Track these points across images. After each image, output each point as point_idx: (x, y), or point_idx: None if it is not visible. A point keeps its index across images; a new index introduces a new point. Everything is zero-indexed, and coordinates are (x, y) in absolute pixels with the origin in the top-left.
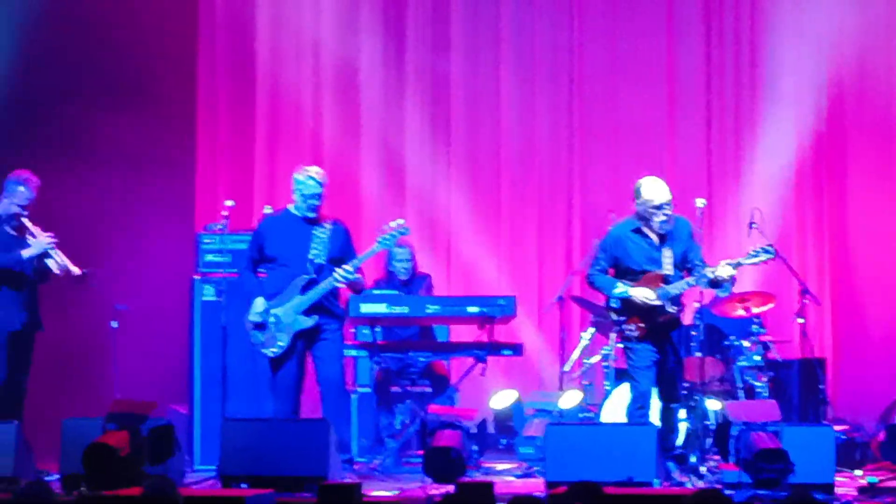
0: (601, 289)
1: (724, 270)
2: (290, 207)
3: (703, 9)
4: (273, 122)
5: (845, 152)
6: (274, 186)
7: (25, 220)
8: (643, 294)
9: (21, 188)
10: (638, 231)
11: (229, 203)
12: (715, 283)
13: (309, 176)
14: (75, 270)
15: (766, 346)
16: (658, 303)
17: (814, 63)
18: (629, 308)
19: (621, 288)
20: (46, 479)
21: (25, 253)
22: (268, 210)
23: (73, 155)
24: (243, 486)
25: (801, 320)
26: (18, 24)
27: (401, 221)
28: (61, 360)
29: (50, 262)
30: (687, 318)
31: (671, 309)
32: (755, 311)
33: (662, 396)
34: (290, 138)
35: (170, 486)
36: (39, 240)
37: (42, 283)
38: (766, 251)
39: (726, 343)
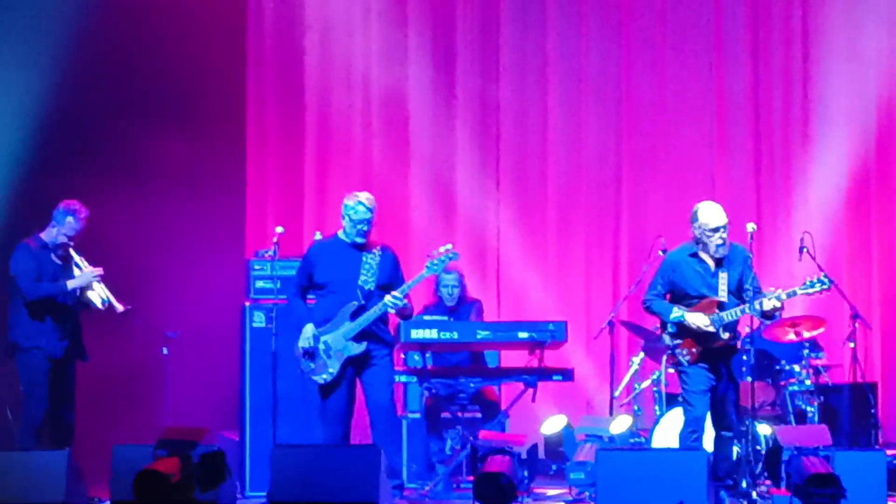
0: (658, 314)
1: (769, 304)
2: (340, 233)
3: (751, 31)
4: (323, 148)
5: (894, 175)
6: (323, 213)
7: (72, 251)
8: (698, 320)
9: (70, 219)
10: (694, 256)
11: (279, 229)
12: (766, 315)
13: (359, 201)
14: (118, 307)
15: (817, 371)
16: (712, 329)
17: (864, 85)
18: (684, 333)
19: (677, 313)
20: None
21: (70, 284)
22: (318, 236)
23: (122, 179)
24: None
25: (852, 344)
26: (65, 43)
27: (449, 246)
28: (113, 387)
29: (93, 295)
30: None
31: (724, 335)
32: (806, 335)
33: (715, 423)
34: (339, 165)
35: None
36: (86, 272)
37: (83, 312)
38: (822, 282)
39: (777, 367)
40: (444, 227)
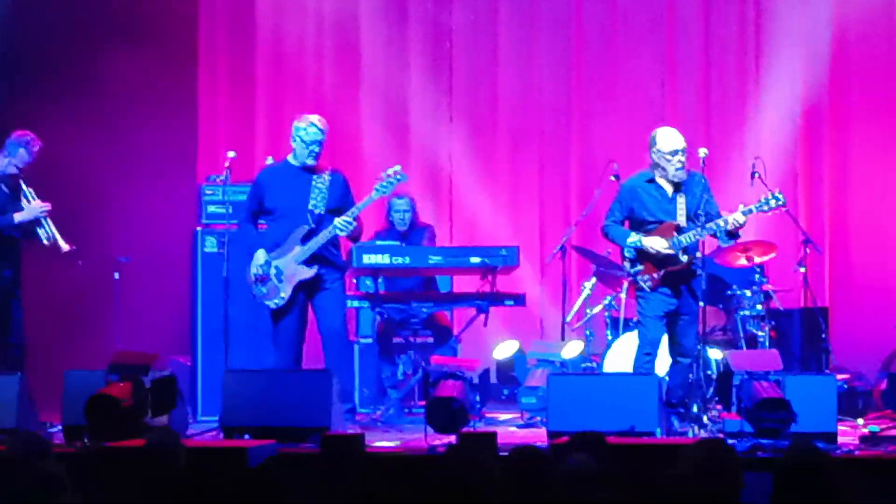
0: (615, 239)
1: (737, 218)
2: (289, 157)
3: None
4: (274, 73)
5: (848, 100)
6: (275, 137)
7: (22, 182)
8: (656, 244)
9: (22, 150)
10: (651, 182)
11: (231, 154)
12: (732, 233)
13: (311, 122)
14: (63, 246)
15: (768, 296)
16: (671, 252)
17: (819, 14)
18: (642, 258)
19: (634, 238)
20: (49, 430)
21: (17, 216)
22: (269, 161)
23: (72, 102)
24: (246, 437)
25: (802, 269)
26: None
27: (397, 168)
28: (64, 312)
29: (40, 231)
30: None
31: (683, 258)
32: (757, 260)
33: (671, 350)
34: (291, 90)
35: (173, 437)
36: (34, 206)
37: (25, 239)
38: (776, 199)
39: (728, 293)
40: (396, 153)
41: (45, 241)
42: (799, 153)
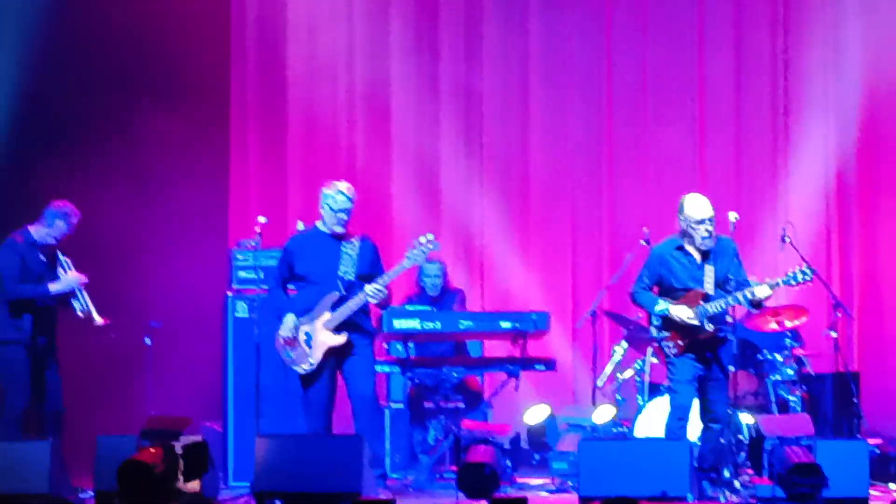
0: (644, 305)
1: (762, 291)
2: (319, 224)
3: (734, 26)
4: (306, 138)
5: (878, 165)
6: (306, 203)
7: (59, 253)
8: (682, 313)
9: (60, 223)
10: (680, 248)
11: (262, 219)
12: (755, 304)
13: (338, 190)
14: (98, 320)
15: (799, 361)
16: (696, 322)
17: (848, 77)
18: (669, 325)
19: (662, 305)
20: (81, 496)
21: (53, 287)
22: (300, 226)
23: (104, 167)
24: (277, 502)
25: (834, 334)
26: (44, 19)
27: (430, 236)
28: (96, 377)
29: (75, 303)
30: None
31: (709, 327)
32: (788, 325)
33: (702, 415)
34: (322, 155)
35: (204, 503)
36: (70, 277)
37: (62, 308)
38: (804, 273)
39: (759, 357)
40: (427, 218)
41: (80, 313)
42: (829, 217)
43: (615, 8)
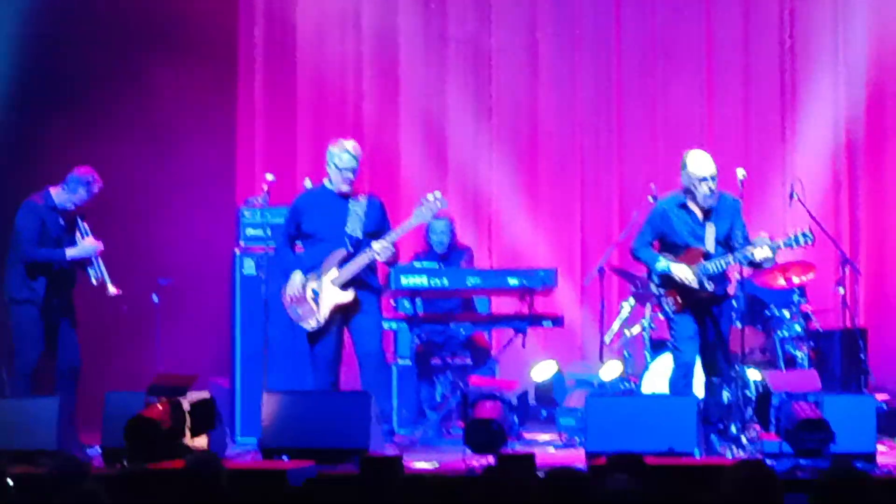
0: (644, 262)
1: (761, 253)
2: (326, 182)
3: None
4: (313, 95)
5: (885, 122)
6: (314, 160)
7: (78, 219)
8: (682, 273)
9: (82, 190)
10: (683, 206)
11: (269, 177)
12: (754, 264)
13: (344, 149)
14: (111, 290)
15: (806, 317)
16: (695, 285)
17: (855, 34)
18: (669, 283)
19: (663, 264)
20: (89, 452)
21: (70, 253)
22: (307, 184)
23: (109, 123)
24: (284, 458)
25: (841, 290)
26: None
27: (438, 194)
28: (103, 334)
29: (90, 270)
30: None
31: (709, 286)
32: (796, 281)
33: (705, 370)
34: (329, 112)
35: (213, 458)
36: (87, 244)
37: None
38: (805, 236)
39: (767, 313)
40: (435, 175)
41: (94, 281)
42: (837, 173)
43: None
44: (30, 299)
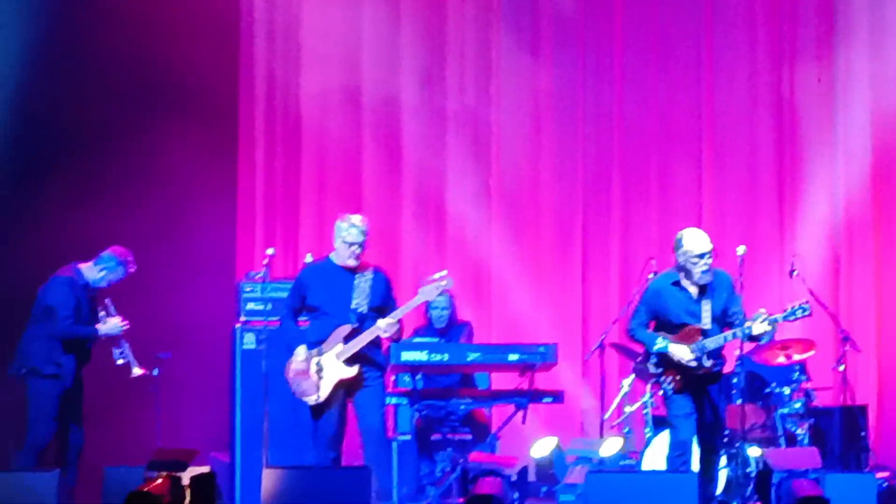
0: (642, 342)
1: (759, 328)
2: (332, 256)
3: (746, 61)
4: (314, 171)
5: (886, 198)
6: (315, 234)
7: (108, 299)
8: (681, 352)
9: (120, 269)
10: (676, 284)
11: (270, 251)
12: (753, 339)
13: (352, 224)
14: (137, 370)
15: (807, 394)
16: (693, 363)
17: (856, 108)
18: (666, 362)
19: (661, 344)
20: None
21: (101, 329)
22: (308, 258)
23: (110, 197)
24: None
25: (841, 367)
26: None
27: (444, 273)
28: (103, 408)
29: (116, 351)
30: (728, 366)
31: (707, 363)
32: (796, 358)
33: (701, 447)
34: (330, 186)
35: None
36: (115, 322)
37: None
38: (803, 309)
39: (767, 390)
40: (436, 249)
41: (119, 361)
42: (839, 250)
43: (625, 45)
44: (56, 374)
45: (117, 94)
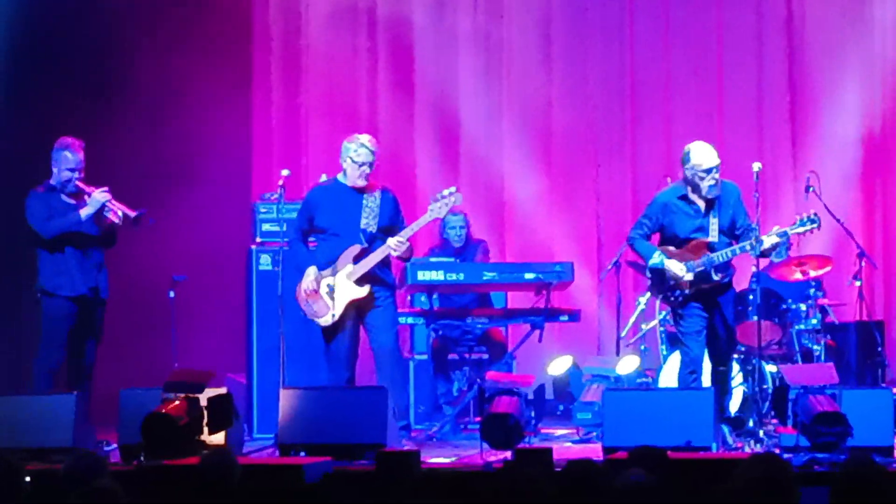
0: (641, 253)
1: (769, 240)
2: (340, 176)
3: None
4: (328, 90)
5: None
6: (330, 155)
7: (80, 184)
8: (675, 268)
9: (66, 153)
10: (684, 198)
11: (285, 172)
12: (763, 253)
13: (361, 143)
14: (130, 214)
15: (823, 310)
16: (689, 277)
17: (868, 25)
18: (658, 277)
19: (657, 258)
20: (106, 449)
21: (83, 212)
22: (323, 178)
23: (128, 117)
24: (301, 454)
25: (858, 283)
26: None
27: (452, 189)
28: (119, 331)
29: (110, 216)
30: (744, 283)
31: (716, 277)
32: (812, 274)
33: (712, 359)
34: (344, 107)
35: (228, 455)
36: (94, 197)
37: (110, 246)
38: (812, 220)
39: (784, 307)
40: (449, 169)
41: (119, 221)
42: (854, 166)
43: None
44: (61, 287)
45: (134, 20)
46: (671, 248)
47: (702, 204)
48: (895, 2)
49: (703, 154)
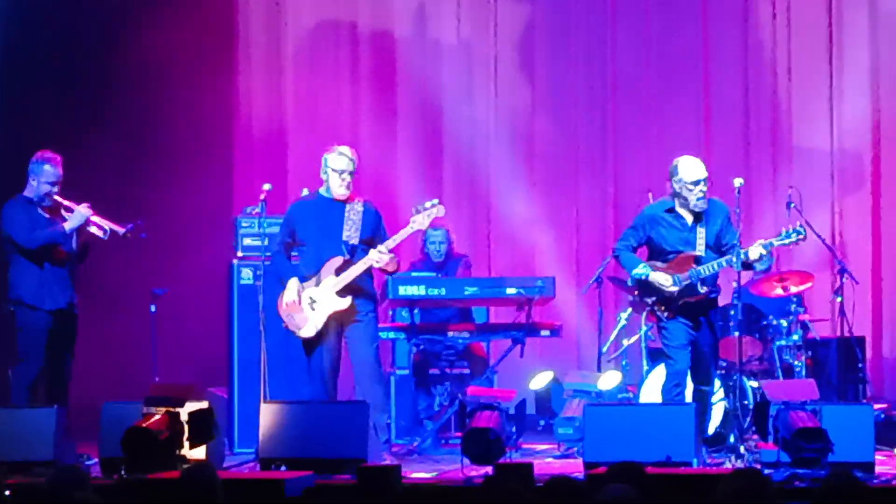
0: (625, 265)
1: (755, 251)
2: (321, 190)
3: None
4: (311, 104)
5: (881, 132)
6: (311, 169)
7: (58, 198)
8: (661, 279)
9: (46, 166)
10: (671, 211)
11: (267, 186)
12: (747, 265)
13: (340, 152)
14: (119, 230)
15: (804, 326)
16: (674, 289)
17: (857, 37)
18: (644, 289)
19: (641, 270)
20: (87, 463)
21: (68, 225)
22: (305, 192)
23: (109, 131)
24: (282, 468)
25: (839, 299)
26: None
27: (435, 201)
28: (100, 345)
29: (94, 230)
30: (725, 298)
31: (702, 290)
32: (794, 290)
33: (694, 379)
34: (324, 121)
35: (209, 469)
36: (78, 211)
37: (82, 261)
38: (798, 232)
39: (765, 322)
40: (432, 183)
41: (104, 236)
42: (837, 181)
43: None
44: (41, 300)
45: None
46: (658, 264)
47: (689, 217)
48: (877, 19)
49: (690, 167)
